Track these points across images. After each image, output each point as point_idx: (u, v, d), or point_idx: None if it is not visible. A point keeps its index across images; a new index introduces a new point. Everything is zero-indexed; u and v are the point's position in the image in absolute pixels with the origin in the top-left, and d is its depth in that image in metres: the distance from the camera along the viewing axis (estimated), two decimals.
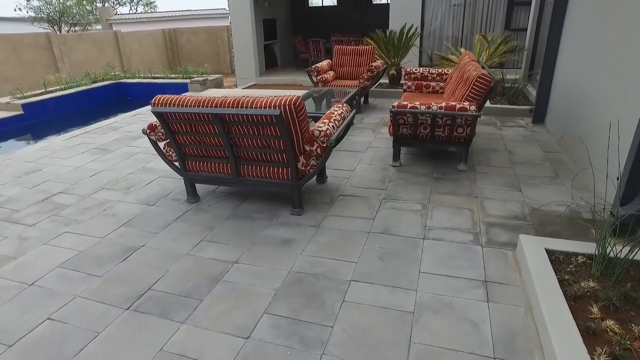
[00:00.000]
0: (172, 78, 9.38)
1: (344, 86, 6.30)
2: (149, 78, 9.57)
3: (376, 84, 7.23)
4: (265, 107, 2.92)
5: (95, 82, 9.13)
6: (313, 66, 6.50)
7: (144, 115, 7.05)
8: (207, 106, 3.08)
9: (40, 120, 7.69)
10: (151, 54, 15.31)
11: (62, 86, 8.41)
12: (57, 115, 8.08)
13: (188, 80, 8.57)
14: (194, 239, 3.11)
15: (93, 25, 21.08)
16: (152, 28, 16.84)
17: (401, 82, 5.59)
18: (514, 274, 2.58)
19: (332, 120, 3.30)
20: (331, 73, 6.69)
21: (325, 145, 3.08)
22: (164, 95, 3.26)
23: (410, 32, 7.23)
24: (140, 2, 25.85)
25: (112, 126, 6.47)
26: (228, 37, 15.40)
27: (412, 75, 5.54)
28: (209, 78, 8.70)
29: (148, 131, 3.55)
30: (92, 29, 20.99)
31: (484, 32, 8.92)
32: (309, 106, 5.33)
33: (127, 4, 25.15)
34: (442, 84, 5.47)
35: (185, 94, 8.45)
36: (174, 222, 3.38)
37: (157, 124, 3.50)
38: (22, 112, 7.35)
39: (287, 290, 2.50)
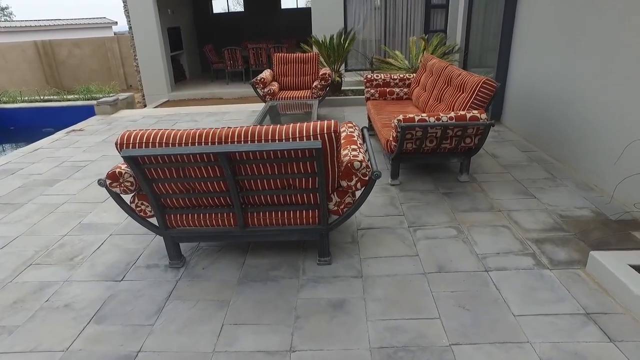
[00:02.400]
0: (69, 100, 7.69)
1: (295, 98, 5.71)
2: (37, 101, 7.72)
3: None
4: (296, 139, 2.25)
5: None
6: (258, 78, 5.77)
7: (48, 150, 5.55)
8: (207, 142, 2.29)
9: None
10: (22, 71, 12.70)
11: None
12: None
13: (94, 102, 7.07)
14: (210, 324, 2.29)
15: None
16: (15, 40, 14.04)
17: (364, 90, 5.19)
18: (606, 298, 2.33)
19: (357, 144, 2.74)
20: (275, 84, 6.04)
21: (367, 178, 2.51)
22: (134, 131, 2.37)
23: (350, 37, 6.94)
24: None
25: (5, 169, 4.92)
26: (120, 49, 13.56)
27: (374, 82, 5.20)
28: (120, 97, 7.32)
29: (109, 182, 2.57)
30: None
31: (405, 34, 9.08)
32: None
33: None
34: (405, 90, 5.23)
35: (92, 118, 7.03)
36: (167, 303, 2.48)
37: (123, 172, 2.54)
38: None
39: None
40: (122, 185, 2.56)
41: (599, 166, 3.59)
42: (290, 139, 2.26)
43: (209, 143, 2.30)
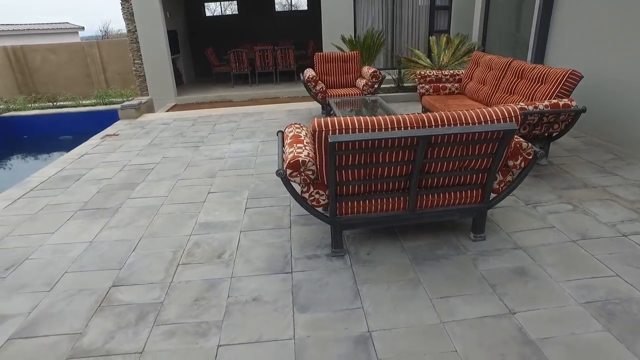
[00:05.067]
0: (85, 105, 7.25)
1: (347, 95, 5.85)
2: (50, 108, 7.19)
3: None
4: (487, 122, 2.43)
5: None
6: (309, 76, 5.83)
7: (97, 156, 5.25)
8: (404, 127, 2.40)
9: None
10: None
11: None
12: None
13: (118, 106, 6.74)
14: (418, 301, 2.38)
15: None
16: None
17: (418, 86, 5.45)
18: None
19: None
20: (321, 83, 6.14)
21: (530, 157, 2.73)
22: (324, 119, 2.43)
23: (381, 37, 7.19)
24: None
25: (65, 175, 4.63)
26: (101, 54, 12.91)
27: (427, 78, 5.47)
28: (142, 101, 7.05)
29: (289, 172, 2.59)
30: None
31: (410, 35, 9.48)
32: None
33: None
34: (456, 85, 5.54)
35: (118, 122, 6.75)
36: (359, 287, 2.54)
37: (307, 161, 2.58)
38: None
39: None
40: (303, 174, 2.60)
41: None
42: (482, 122, 2.43)
43: (402, 128, 2.42)
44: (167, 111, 8.56)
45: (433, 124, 2.41)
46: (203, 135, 5.89)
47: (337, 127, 2.39)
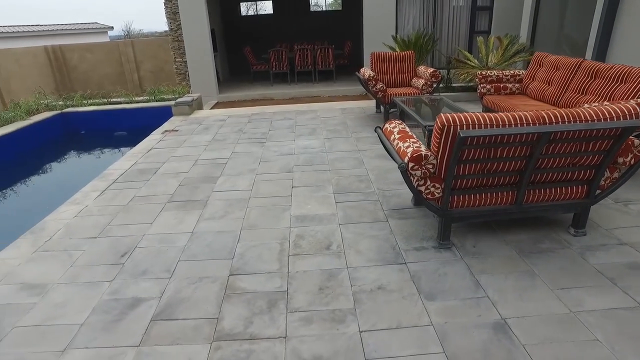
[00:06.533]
0: (137, 102, 7.42)
1: (405, 94, 5.93)
2: (103, 104, 7.38)
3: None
4: (606, 119, 2.50)
5: (30, 113, 6.63)
6: (369, 75, 5.92)
7: (164, 150, 5.40)
8: (527, 124, 2.48)
9: None
10: (33, 77, 12.02)
11: None
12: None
13: (172, 103, 6.90)
14: (541, 291, 2.45)
15: None
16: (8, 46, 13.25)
17: (479, 86, 5.52)
18: None
19: None
20: (380, 82, 6.23)
21: None
22: (452, 115, 2.51)
23: (429, 37, 7.26)
24: None
25: (142, 169, 4.77)
26: (135, 53, 13.14)
27: (489, 78, 5.54)
28: (194, 98, 7.20)
29: (411, 165, 2.69)
30: None
31: (450, 35, 9.53)
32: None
33: None
34: (517, 85, 5.60)
35: (172, 118, 6.91)
36: (477, 277, 2.62)
37: (428, 155, 2.67)
38: None
39: None
40: (424, 167, 2.69)
41: None
42: (602, 119, 2.50)
43: (525, 125, 2.50)
44: (211, 108, 8.70)
45: (554, 120, 2.49)
46: (264, 132, 6.02)
47: (464, 123, 2.48)
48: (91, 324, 2.43)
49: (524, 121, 2.49)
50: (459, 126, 2.47)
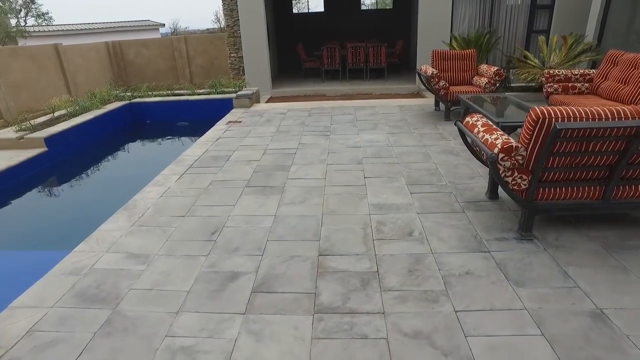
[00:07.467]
0: (198, 94, 7.80)
1: (467, 92, 5.95)
2: (166, 95, 7.81)
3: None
4: None
5: (104, 103, 7.15)
6: (432, 73, 5.99)
7: (231, 140, 5.67)
8: (620, 118, 2.50)
9: (65, 157, 5.70)
10: (95, 70, 12.76)
11: (68, 110, 6.39)
12: (80, 149, 6.12)
13: (233, 95, 7.22)
14: (636, 286, 2.48)
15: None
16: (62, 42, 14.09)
17: (545, 85, 5.46)
18: None
19: None
20: (443, 80, 6.27)
21: None
22: (547, 108, 2.57)
23: (490, 36, 7.22)
24: (30, 14, 21.41)
25: (214, 156, 5.05)
26: (187, 49, 13.67)
27: (556, 78, 5.48)
28: (254, 91, 7.48)
29: (501, 156, 2.76)
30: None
31: (509, 34, 9.37)
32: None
33: (17, 16, 20.61)
34: (586, 85, 5.50)
35: (233, 110, 7.20)
36: (565, 268, 2.67)
37: (519, 146, 2.74)
38: (45, 148, 5.33)
39: None
40: (513, 158, 2.76)
41: None
42: None
43: (622, 119, 2.52)
44: (266, 102, 8.97)
45: None
46: (326, 125, 6.20)
47: (559, 116, 2.53)
48: (197, 292, 2.65)
49: (622, 115, 2.52)
50: (554, 119, 2.52)
